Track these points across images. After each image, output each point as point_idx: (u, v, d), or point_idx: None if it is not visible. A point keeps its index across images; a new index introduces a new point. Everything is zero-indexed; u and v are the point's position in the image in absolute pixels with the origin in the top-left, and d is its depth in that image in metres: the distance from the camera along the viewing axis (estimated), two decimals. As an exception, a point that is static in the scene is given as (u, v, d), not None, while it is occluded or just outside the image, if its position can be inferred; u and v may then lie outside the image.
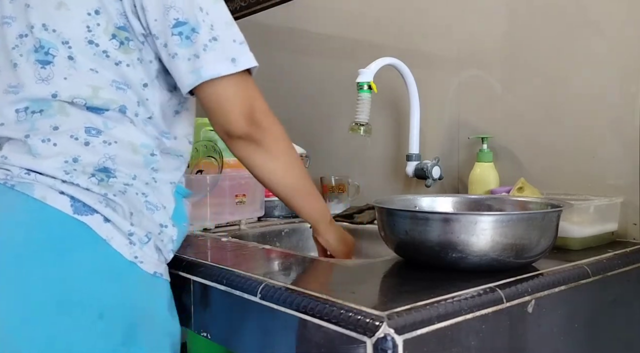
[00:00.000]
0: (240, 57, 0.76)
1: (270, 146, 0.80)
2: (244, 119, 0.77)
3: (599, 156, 1.02)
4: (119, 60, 0.74)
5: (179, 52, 0.73)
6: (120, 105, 0.74)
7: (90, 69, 0.74)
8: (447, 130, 1.28)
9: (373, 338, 0.52)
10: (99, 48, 0.74)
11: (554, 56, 1.08)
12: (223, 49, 0.74)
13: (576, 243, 0.89)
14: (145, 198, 0.75)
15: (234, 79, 0.75)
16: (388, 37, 1.41)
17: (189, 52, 0.73)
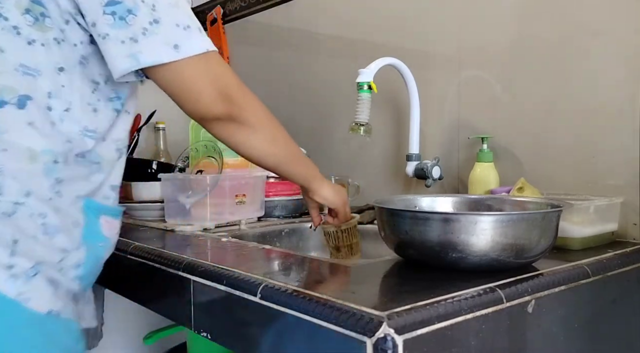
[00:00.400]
0: (184, 42, 0.67)
1: (249, 120, 0.75)
2: (218, 99, 0.71)
3: (599, 156, 1.02)
4: (32, 38, 0.64)
5: (110, 33, 0.65)
6: (21, 95, 0.63)
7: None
8: (447, 130, 1.28)
9: (373, 338, 0.52)
10: (8, 22, 0.64)
11: (554, 56, 1.08)
12: (165, 34, 0.66)
13: (576, 243, 0.89)
14: (42, 219, 0.64)
15: (193, 62, 0.68)
16: (388, 37, 1.41)
17: (123, 34, 0.65)
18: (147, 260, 0.91)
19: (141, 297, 0.97)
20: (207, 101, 0.71)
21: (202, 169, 1.20)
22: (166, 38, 0.67)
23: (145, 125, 1.99)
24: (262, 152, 0.79)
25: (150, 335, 1.45)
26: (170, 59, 0.67)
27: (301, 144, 1.47)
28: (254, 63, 1.89)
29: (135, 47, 0.65)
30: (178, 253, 0.87)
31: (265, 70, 1.84)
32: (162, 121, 1.98)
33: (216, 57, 0.72)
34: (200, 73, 0.69)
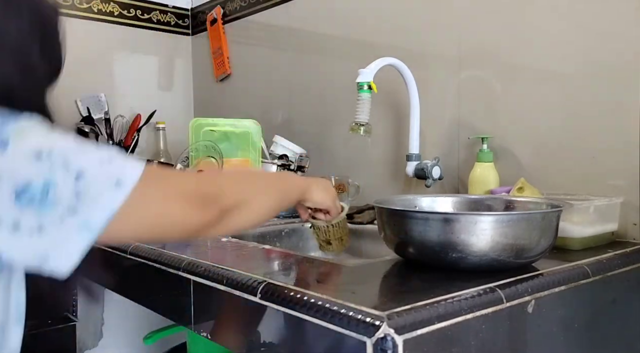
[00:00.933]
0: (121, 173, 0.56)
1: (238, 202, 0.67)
2: (198, 211, 0.61)
3: (599, 156, 1.02)
4: None
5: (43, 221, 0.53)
6: None
7: None
8: (447, 130, 1.28)
9: (373, 338, 0.52)
10: None
11: (554, 56, 1.08)
12: (97, 180, 0.55)
13: (576, 243, 0.89)
14: None
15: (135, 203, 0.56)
16: (388, 37, 1.41)
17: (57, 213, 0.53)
18: (147, 260, 0.91)
19: (141, 297, 0.97)
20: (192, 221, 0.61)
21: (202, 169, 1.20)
22: (99, 188, 0.55)
23: (145, 125, 1.99)
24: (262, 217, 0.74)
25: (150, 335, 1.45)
26: (120, 199, 0.55)
27: (301, 144, 1.48)
28: (254, 63, 1.89)
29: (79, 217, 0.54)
30: (178, 254, 0.87)
31: (265, 70, 1.84)
32: (162, 121, 1.98)
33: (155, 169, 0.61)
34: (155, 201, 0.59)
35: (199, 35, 2.17)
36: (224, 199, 0.65)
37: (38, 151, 0.53)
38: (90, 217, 0.54)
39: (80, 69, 1.94)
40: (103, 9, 1.98)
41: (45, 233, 0.53)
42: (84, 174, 0.54)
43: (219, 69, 2.03)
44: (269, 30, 1.82)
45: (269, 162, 1.38)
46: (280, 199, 0.79)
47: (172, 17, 2.16)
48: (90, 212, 0.54)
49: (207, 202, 0.62)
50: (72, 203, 0.53)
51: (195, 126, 1.24)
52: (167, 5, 2.14)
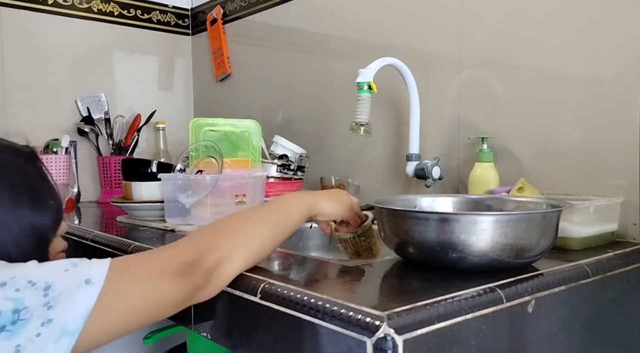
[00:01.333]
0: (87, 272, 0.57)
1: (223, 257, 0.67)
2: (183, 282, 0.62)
3: (599, 156, 1.02)
4: None
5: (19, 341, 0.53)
6: None
7: None
8: (447, 130, 1.28)
9: (373, 338, 0.52)
10: None
11: (554, 56, 1.08)
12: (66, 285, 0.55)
13: (576, 244, 0.89)
14: None
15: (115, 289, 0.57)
16: (388, 37, 1.41)
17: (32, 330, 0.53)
18: (147, 260, 0.91)
19: (141, 297, 0.97)
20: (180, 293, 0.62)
21: (202, 169, 1.20)
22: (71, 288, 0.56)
23: (145, 125, 1.99)
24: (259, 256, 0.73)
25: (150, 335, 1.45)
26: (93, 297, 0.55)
27: (301, 144, 1.48)
28: (254, 63, 1.89)
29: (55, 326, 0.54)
30: (178, 253, 0.86)
31: (265, 70, 1.84)
32: (162, 121, 1.98)
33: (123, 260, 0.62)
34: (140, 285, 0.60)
35: (199, 35, 2.17)
36: (204, 261, 0.64)
37: (1, 282, 0.54)
38: (67, 321, 0.54)
39: (80, 69, 1.95)
40: (103, 9, 1.98)
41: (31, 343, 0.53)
42: (51, 284, 0.55)
43: (219, 69, 2.03)
44: (269, 30, 1.82)
45: (269, 162, 1.38)
46: (274, 231, 0.76)
47: (172, 17, 2.16)
48: (65, 316, 0.54)
49: (187, 270, 0.62)
50: (45, 315, 0.54)
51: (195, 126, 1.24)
52: (167, 5, 2.14)
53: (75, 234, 1.20)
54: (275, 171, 1.38)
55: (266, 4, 1.82)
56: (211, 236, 0.69)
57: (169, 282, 0.61)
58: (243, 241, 0.71)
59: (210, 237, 0.69)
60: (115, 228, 1.25)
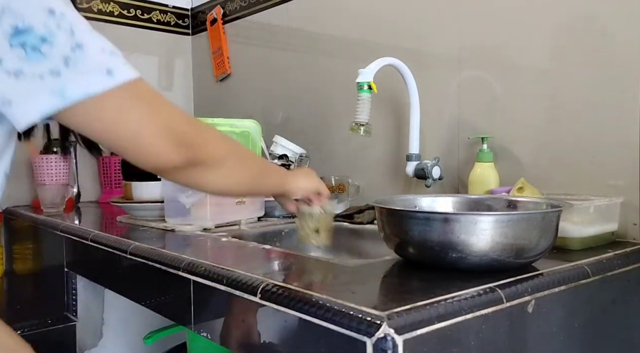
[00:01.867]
0: (116, 66, 0.56)
1: (209, 160, 0.66)
2: (174, 147, 0.60)
3: (599, 156, 1.02)
4: None
5: (24, 68, 0.53)
6: None
7: None
8: (447, 130, 1.28)
9: (373, 338, 0.52)
10: None
11: (554, 56, 1.08)
12: (90, 59, 0.55)
13: (576, 244, 0.89)
14: None
15: (126, 96, 0.57)
16: (388, 37, 1.41)
17: (41, 68, 0.53)
18: (147, 260, 0.91)
19: (141, 297, 0.97)
20: (160, 150, 0.60)
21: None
22: (95, 63, 0.55)
23: (145, 125, 1.99)
24: (228, 187, 0.74)
25: (150, 335, 1.45)
26: (103, 87, 0.55)
27: (301, 144, 1.48)
28: (254, 63, 1.89)
29: (58, 81, 0.53)
30: (178, 253, 0.87)
31: (265, 70, 1.84)
32: (162, 121, 1.98)
33: (148, 89, 0.60)
34: (140, 108, 0.58)
35: (199, 35, 2.17)
36: (200, 150, 0.64)
37: (52, 8, 0.54)
38: (69, 86, 0.54)
39: (80, 69, 1.94)
40: (103, 9, 1.98)
41: (20, 79, 0.53)
42: (84, 47, 0.54)
43: (219, 68, 2.03)
44: (269, 30, 1.82)
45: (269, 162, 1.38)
46: (255, 178, 0.78)
47: (172, 17, 2.16)
48: (71, 81, 0.54)
49: (182, 145, 0.61)
50: (59, 67, 0.53)
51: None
52: (167, 5, 2.14)
53: (75, 234, 1.20)
54: (271, 167, 1.38)
55: (266, 4, 1.81)
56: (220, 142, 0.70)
57: (161, 140, 0.60)
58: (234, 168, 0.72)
59: (218, 142, 0.69)
60: (115, 228, 1.25)
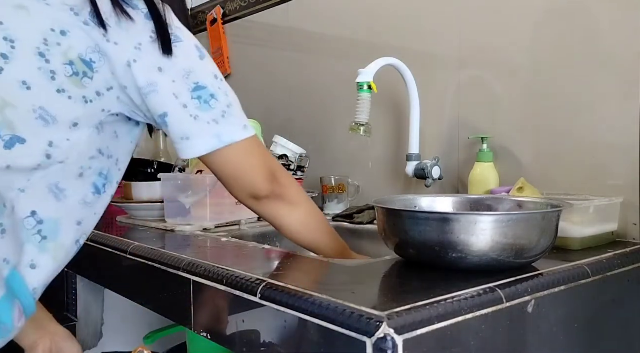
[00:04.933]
0: (247, 123, 0.79)
1: (293, 198, 0.84)
2: (268, 181, 0.80)
3: (599, 156, 1.02)
4: (64, 88, 0.64)
5: (200, 115, 0.74)
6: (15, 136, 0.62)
7: (22, 82, 0.62)
8: (447, 130, 1.28)
9: (373, 338, 0.52)
10: (48, 65, 0.63)
11: (554, 56, 1.08)
12: (237, 116, 0.77)
13: (576, 244, 0.89)
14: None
15: (250, 144, 0.78)
16: (388, 37, 1.41)
17: (208, 116, 0.74)
18: (147, 260, 0.91)
19: (141, 297, 0.97)
20: (261, 182, 0.80)
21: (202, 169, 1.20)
22: (238, 119, 0.77)
23: (145, 125, 1.99)
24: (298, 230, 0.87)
25: (150, 335, 1.45)
26: (244, 136, 0.77)
27: (301, 144, 1.47)
28: (254, 63, 1.89)
29: (216, 128, 0.75)
30: (178, 254, 0.87)
31: (265, 70, 1.84)
32: (162, 121, 1.98)
33: (260, 142, 0.82)
34: (255, 157, 0.80)
35: (199, 35, 2.17)
36: (284, 187, 0.83)
37: (216, 74, 0.78)
38: (225, 133, 0.75)
39: (80, 69, 1.94)
40: (103, 9, 1.98)
41: (197, 122, 0.74)
42: (232, 106, 0.77)
43: (219, 68, 2.03)
44: (269, 30, 1.82)
45: (269, 162, 1.38)
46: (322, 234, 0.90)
47: (172, 17, 2.16)
48: (225, 129, 0.75)
49: (273, 181, 0.81)
50: (218, 117, 0.75)
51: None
52: (167, 5, 2.14)
53: (75, 234, 1.20)
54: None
55: (266, 4, 1.81)
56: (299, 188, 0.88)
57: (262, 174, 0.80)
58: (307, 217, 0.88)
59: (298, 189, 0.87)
60: (115, 228, 1.25)
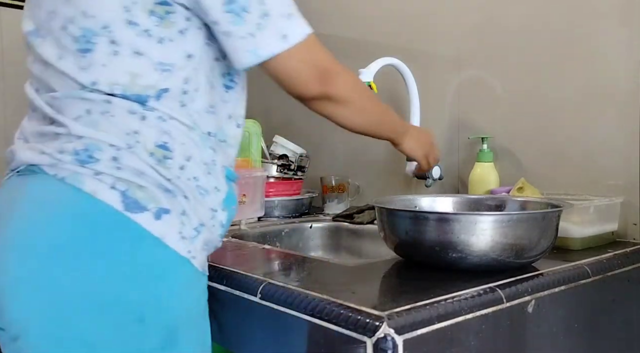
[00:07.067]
0: (291, 31, 0.74)
1: (341, 97, 0.83)
2: (314, 84, 0.79)
3: (599, 156, 1.02)
4: (161, 36, 0.71)
5: (232, 30, 0.71)
6: (161, 89, 0.70)
7: (134, 52, 0.70)
8: (447, 130, 1.28)
9: (373, 338, 0.52)
10: (140, 27, 0.70)
11: (554, 56, 1.08)
12: (275, 26, 0.73)
13: (576, 244, 0.89)
14: (196, 182, 0.71)
15: (297, 49, 0.75)
16: (388, 37, 1.41)
17: (242, 30, 0.72)
18: (147, 260, 0.91)
19: (141, 297, 0.97)
20: (307, 84, 0.79)
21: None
22: (276, 30, 0.73)
23: (145, 125, 1.99)
24: (351, 123, 0.90)
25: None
26: (280, 49, 0.74)
27: (301, 144, 1.47)
28: (254, 63, 1.88)
29: (252, 42, 0.72)
30: (178, 253, 0.86)
31: (265, 70, 1.83)
32: (162, 121, 1.98)
33: (313, 39, 0.77)
34: (303, 60, 0.77)
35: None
36: (333, 88, 0.81)
37: None
38: (259, 47, 0.73)
39: (80, 69, 1.94)
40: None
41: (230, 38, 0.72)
42: (269, 15, 0.72)
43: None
44: (269, 30, 1.82)
45: (269, 162, 1.38)
46: (373, 127, 0.94)
47: (172, 17, 2.16)
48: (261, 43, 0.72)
49: (324, 81, 0.79)
50: (254, 31, 0.72)
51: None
52: (167, 5, 2.14)
53: (75, 234, 1.20)
54: (275, 171, 1.38)
55: (266, 4, 1.81)
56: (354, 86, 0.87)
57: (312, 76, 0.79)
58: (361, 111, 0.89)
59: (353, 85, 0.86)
60: (115, 228, 1.24)
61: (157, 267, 0.65)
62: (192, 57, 0.73)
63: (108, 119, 0.68)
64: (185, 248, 0.67)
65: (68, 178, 0.66)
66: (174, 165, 0.69)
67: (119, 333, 0.63)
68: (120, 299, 0.63)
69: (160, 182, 0.67)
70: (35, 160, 0.68)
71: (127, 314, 0.63)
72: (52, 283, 0.63)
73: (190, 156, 0.71)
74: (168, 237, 0.66)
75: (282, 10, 0.74)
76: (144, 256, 0.65)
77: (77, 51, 0.70)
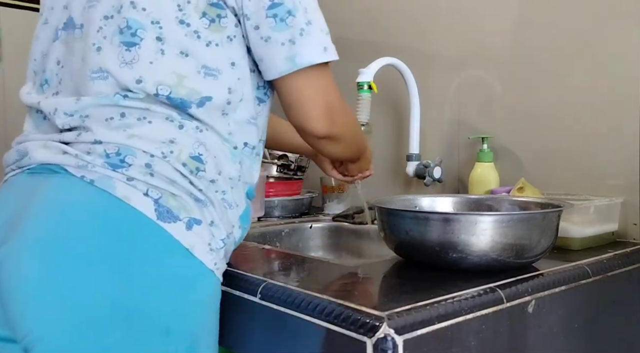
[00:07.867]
0: (329, 46, 0.72)
1: (342, 139, 0.80)
2: (322, 120, 0.74)
3: (599, 156, 1.02)
4: (209, 40, 0.68)
5: (272, 35, 0.69)
6: (204, 96, 0.68)
7: (180, 53, 0.67)
8: (447, 130, 1.28)
9: (373, 338, 0.52)
10: (190, 28, 0.67)
11: (554, 56, 1.08)
12: (317, 35, 0.70)
13: (576, 244, 0.89)
14: (223, 195, 0.70)
15: (318, 72, 0.71)
16: (388, 37, 1.41)
17: (284, 36, 0.69)
18: (147, 260, 0.91)
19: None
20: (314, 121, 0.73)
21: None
22: (318, 39, 0.71)
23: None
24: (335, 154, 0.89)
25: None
26: (321, 59, 0.70)
27: (301, 144, 1.47)
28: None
29: (293, 49, 0.69)
30: (178, 254, 0.86)
31: (265, 70, 1.83)
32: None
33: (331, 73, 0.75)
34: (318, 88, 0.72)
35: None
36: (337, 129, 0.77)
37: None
38: (299, 54, 0.69)
39: (80, 69, 1.94)
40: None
41: (268, 44, 0.69)
42: (313, 23, 0.70)
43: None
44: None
45: (269, 162, 1.38)
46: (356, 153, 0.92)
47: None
48: (301, 51, 0.69)
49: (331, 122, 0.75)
50: (296, 37, 0.69)
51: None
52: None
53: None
54: (275, 171, 1.38)
55: (266, 4, 1.81)
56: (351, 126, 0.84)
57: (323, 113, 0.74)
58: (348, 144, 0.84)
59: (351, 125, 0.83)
60: (115, 229, 1.24)
61: (184, 279, 0.64)
62: (236, 66, 0.71)
63: (144, 125, 0.66)
64: (212, 260, 0.66)
65: (97, 182, 0.63)
66: (206, 177, 0.68)
67: (144, 345, 0.61)
68: (146, 311, 0.61)
69: (191, 191, 0.66)
70: (55, 159, 0.66)
71: (154, 326, 0.61)
72: (76, 292, 0.59)
73: (221, 170, 0.70)
74: (197, 248, 0.64)
75: (322, 25, 0.73)
76: (173, 267, 0.63)
77: (120, 44, 0.67)
